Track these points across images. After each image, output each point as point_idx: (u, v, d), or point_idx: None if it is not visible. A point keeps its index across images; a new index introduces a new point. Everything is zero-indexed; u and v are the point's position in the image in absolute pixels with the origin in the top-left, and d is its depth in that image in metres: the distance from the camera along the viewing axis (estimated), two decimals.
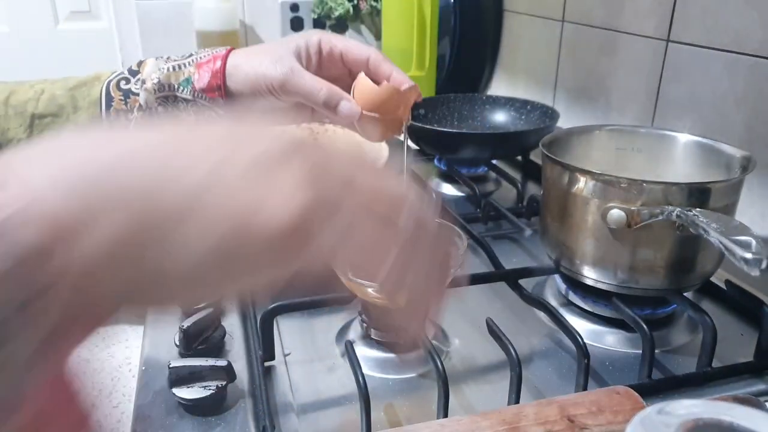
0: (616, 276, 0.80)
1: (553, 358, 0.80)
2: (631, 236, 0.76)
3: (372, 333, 0.79)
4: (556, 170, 0.83)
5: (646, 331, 0.73)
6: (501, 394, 0.71)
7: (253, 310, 0.84)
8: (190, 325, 0.75)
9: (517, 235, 1.12)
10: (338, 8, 1.97)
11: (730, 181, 0.76)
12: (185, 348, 0.75)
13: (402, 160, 0.86)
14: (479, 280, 0.90)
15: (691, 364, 0.77)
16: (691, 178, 0.90)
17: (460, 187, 1.33)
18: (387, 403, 0.71)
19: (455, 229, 0.80)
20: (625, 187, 0.75)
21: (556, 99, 1.53)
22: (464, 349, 0.81)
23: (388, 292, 0.40)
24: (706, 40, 1.04)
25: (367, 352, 0.78)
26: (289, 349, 0.80)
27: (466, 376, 0.76)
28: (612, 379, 0.76)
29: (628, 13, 1.23)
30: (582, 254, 0.82)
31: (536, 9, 1.59)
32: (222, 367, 0.69)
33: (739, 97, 0.99)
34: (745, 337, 0.84)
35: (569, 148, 0.94)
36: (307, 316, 0.87)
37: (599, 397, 0.60)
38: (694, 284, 0.82)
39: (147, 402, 0.70)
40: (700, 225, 0.66)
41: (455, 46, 1.79)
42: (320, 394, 0.73)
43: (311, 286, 0.72)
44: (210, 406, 0.69)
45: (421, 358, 0.77)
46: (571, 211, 0.81)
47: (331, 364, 0.78)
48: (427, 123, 1.42)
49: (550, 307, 0.81)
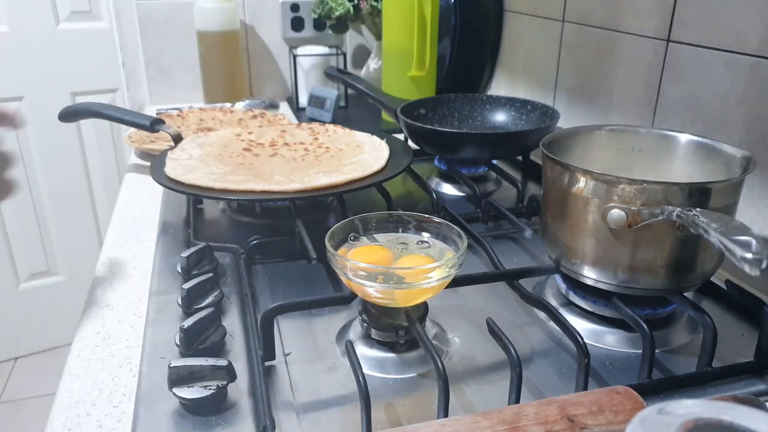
0: (617, 276, 0.80)
1: (553, 357, 0.80)
2: (631, 236, 0.76)
3: (372, 333, 0.79)
4: (557, 170, 0.83)
5: (647, 330, 0.73)
6: (501, 393, 0.71)
7: (254, 309, 0.84)
8: (191, 324, 0.75)
9: (517, 235, 1.12)
10: (338, 8, 1.97)
11: (731, 181, 0.76)
12: (186, 348, 0.75)
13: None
14: (480, 280, 0.90)
15: (692, 364, 0.77)
16: (692, 178, 0.90)
17: (460, 187, 1.33)
18: (387, 403, 0.71)
19: (455, 228, 0.80)
20: (626, 187, 0.75)
21: (556, 99, 1.53)
22: (464, 348, 0.81)
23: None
24: (706, 39, 1.04)
25: (367, 351, 0.78)
26: (290, 349, 0.80)
27: (467, 376, 0.76)
28: (612, 379, 0.76)
29: (628, 13, 1.23)
30: (582, 254, 0.82)
31: (536, 9, 1.59)
32: (222, 366, 0.69)
33: (739, 97, 0.99)
34: (745, 337, 0.84)
35: (569, 148, 0.94)
36: (308, 316, 0.87)
37: (599, 396, 0.60)
38: (694, 284, 0.82)
39: (147, 402, 0.71)
40: (700, 225, 0.66)
41: (455, 46, 1.79)
42: (320, 394, 0.73)
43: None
44: (210, 406, 0.69)
45: (421, 357, 0.77)
46: (571, 211, 0.81)
47: (332, 363, 0.78)
48: (428, 123, 1.42)
49: (551, 307, 0.81)
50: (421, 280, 0.72)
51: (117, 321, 0.88)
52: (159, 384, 0.72)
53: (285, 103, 2.14)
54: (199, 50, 2.00)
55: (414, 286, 0.72)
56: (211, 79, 2.03)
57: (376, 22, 2.00)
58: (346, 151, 1.22)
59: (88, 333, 0.85)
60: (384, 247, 0.81)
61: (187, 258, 0.91)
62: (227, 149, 1.22)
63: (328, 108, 1.81)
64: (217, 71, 2.02)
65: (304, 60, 1.98)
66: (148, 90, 2.08)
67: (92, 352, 0.81)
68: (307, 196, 1.03)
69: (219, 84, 2.03)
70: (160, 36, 2.03)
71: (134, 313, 0.90)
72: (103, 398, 0.73)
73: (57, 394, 0.74)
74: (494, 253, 0.97)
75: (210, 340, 0.77)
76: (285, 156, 1.19)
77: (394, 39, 1.67)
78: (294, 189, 1.00)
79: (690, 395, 0.72)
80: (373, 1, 1.94)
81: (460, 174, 1.31)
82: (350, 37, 2.28)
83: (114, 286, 0.97)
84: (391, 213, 0.85)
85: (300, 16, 2.12)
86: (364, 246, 0.81)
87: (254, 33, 2.11)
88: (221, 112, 1.75)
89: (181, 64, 2.08)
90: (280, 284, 0.96)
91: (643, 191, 0.74)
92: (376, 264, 0.76)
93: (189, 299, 0.84)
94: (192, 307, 0.83)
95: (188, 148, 1.20)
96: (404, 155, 1.18)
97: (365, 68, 2.09)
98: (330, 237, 0.77)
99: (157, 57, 2.05)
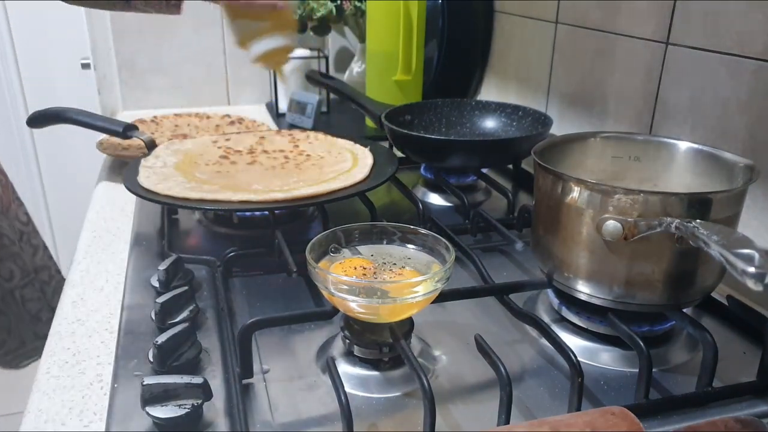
0: (612, 291, 0.80)
1: (545, 376, 0.80)
2: (627, 249, 0.77)
3: (355, 350, 0.79)
4: (549, 179, 0.83)
5: (643, 348, 0.73)
6: (490, 414, 0.71)
7: (231, 325, 0.84)
8: (165, 340, 0.75)
9: (507, 247, 1.12)
10: (320, 9, 1.97)
11: (733, 191, 0.77)
12: (159, 364, 0.75)
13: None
14: (468, 294, 0.90)
15: (691, 383, 0.77)
16: (691, 188, 0.90)
17: (447, 197, 1.33)
18: (370, 423, 0.71)
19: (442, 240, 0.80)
20: (622, 197, 0.75)
21: (549, 104, 1.53)
22: (452, 366, 0.81)
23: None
24: (707, 42, 1.05)
25: (349, 369, 0.78)
26: (268, 366, 0.80)
27: (454, 396, 0.76)
28: (607, 399, 0.76)
29: (625, 15, 1.24)
30: (576, 268, 0.82)
31: (528, 10, 1.60)
32: (198, 384, 0.69)
33: (742, 102, 1.00)
34: (747, 355, 0.85)
35: (563, 157, 0.94)
36: (287, 332, 0.87)
37: (593, 418, 0.60)
38: (693, 300, 0.82)
39: (119, 421, 0.70)
40: (700, 237, 0.66)
41: (443, 48, 1.80)
42: (301, 414, 0.72)
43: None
44: (185, 426, 0.68)
45: (406, 375, 0.77)
46: (564, 222, 0.82)
47: (312, 381, 0.78)
48: (414, 129, 1.42)
49: (542, 324, 0.81)
50: (407, 295, 0.72)
51: (88, 336, 0.88)
52: (131, 402, 0.72)
53: (264, 109, 2.14)
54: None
55: (399, 300, 0.72)
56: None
57: (360, 24, 2.00)
58: (328, 159, 1.22)
59: (58, 349, 0.85)
60: (367, 259, 0.81)
61: (166, 271, 0.91)
62: (203, 157, 1.21)
63: (310, 114, 1.82)
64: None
65: None
66: (120, 95, 2.08)
67: (62, 369, 0.81)
68: (287, 206, 1.03)
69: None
70: (134, 38, 2.03)
71: (106, 328, 0.90)
72: (73, 417, 0.73)
73: (25, 413, 0.74)
74: (483, 266, 0.97)
75: (185, 357, 0.77)
76: (264, 164, 1.19)
77: (378, 41, 1.67)
78: (273, 199, 1.00)
79: (689, 417, 0.72)
80: (357, 1, 1.94)
81: (447, 183, 1.31)
82: (333, 40, 2.28)
83: (85, 299, 0.96)
84: (375, 224, 0.85)
85: None
86: (347, 259, 0.81)
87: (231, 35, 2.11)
88: (197, 117, 1.75)
89: (156, 68, 2.07)
90: (258, 298, 0.95)
91: (640, 202, 0.74)
92: (359, 278, 0.76)
93: (163, 314, 0.83)
94: (166, 322, 0.83)
95: (162, 155, 1.20)
96: (389, 163, 1.18)
97: (348, 72, 2.10)
98: (311, 249, 0.77)
99: (130, 60, 2.05)
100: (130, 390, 0.74)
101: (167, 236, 1.09)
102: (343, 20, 2.03)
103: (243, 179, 1.10)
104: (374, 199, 1.15)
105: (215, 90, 2.15)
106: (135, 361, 0.80)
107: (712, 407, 0.74)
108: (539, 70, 1.56)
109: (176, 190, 1.02)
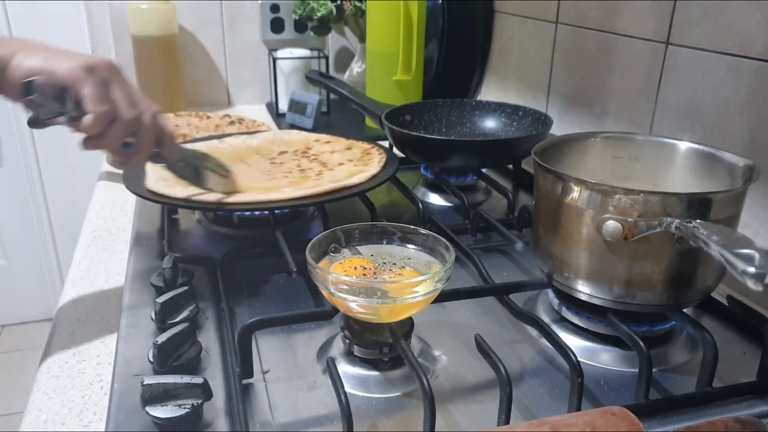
0: (612, 291, 0.80)
1: (545, 376, 0.80)
2: (627, 249, 0.77)
3: (355, 350, 0.79)
4: (549, 179, 0.84)
5: (643, 348, 0.73)
6: (490, 414, 0.71)
7: (231, 325, 0.84)
8: (165, 340, 0.75)
9: (507, 247, 1.12)
10: (320, 9, 1.97)
11: (733, 191, 0.77)
12: (159, 364, 0.75)
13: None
14: (468, 294, 0.90)
15: (691, 383, 0.77)
16: (691, 188, 0.90)
17: (447, 197, 1.33)
18: (370, 423, 0.71)
19: (442, 240, 0.80)
20: (622, 197, 0.75)
21: (549, 104, 1.53)
22: (452, 367, 0.81)
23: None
24: (707, 42, 1.05)
25: (349, 369, 0.78)
26: (268, 366, 0.80)
27: (454, 396, 0.76)
28: (607, 399, 0.76)
29: (625, 15, 1.24)
30: (576, 268, 0.82)
31: (528, 10, 1.60)
32: (198, 384, 0.69)
33: (742, 102, 1.00)
34: (747, 355, 0.85)
35: (563, 157, 0.94)
36: (287, 332, 0.87)
37: (593, 418, 0.60)
38: (694, 300, 0.82)
39: (119, 421, 0.70)
40: (700, 237, 0.66)
41: (443, 48, 1.80)
42: (300, 414, 0.73)
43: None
44: (185, 426, 0.68)
45: (406, 376, 0.77)
46: (564, 222, 0.82)
47: (312, 382, 0.78)
48: (414, 129, 1.42)
49: (542, 324, 0.81)
50: (407, 295, 0.72)
51: (88, 336, 0.88)
52: (131, 402, 0.72)
53: (264, 109, 2.14)
54: (135, 56, 1.95)
55: (399, 300, 0.72)
56: (146, 89, 1.93)
57: (360, 24, 2.00)
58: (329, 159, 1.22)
59: (58, 349, 0.85)
60: (367, 259, 0.81)
61: (166, 271, 0.91)
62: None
63: (310, 114, 1.81)
64: (152, 80, 1.96)
65: (284, 63, 1.98)
66: None
67: (62, 369, 0.81)
68: (287, 206, 1.03)
69: (154, 94, 1.93)
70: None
71: (106, 328, 0.90)
72: (73, 417, 0.73)
73: (25, 413, 0.74)
74: (483, 266, 0.97)
75: (185, 357, 0.77)
76: (264, 164, 1.19)
77: (378, 41, 1.67)
78: (273, 199, 1.00)
79: (689, 417, 0.72)
80: (357, 1, 1.94)
81: (447, 183, 1.31)
82: (333, 40, 2.28)
83: (84, 299, 0.96)
84: (375, 224, 0.85)
85: (280, 17, 2.12)
86: (347, 259, 0.81)
87: (232, 34, 2.11)
88: (197, 117, 1.75)
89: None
90: (258, 298, 0.95)
91: (640, 202, 0.74)
92: (359, 278, 0.76)
93: (163, 314, 0.83)
94: (166, 322, 0.83)
95: None
96: (389, 163, 1.18)
97: (348, 72, 2.10)
98: (311, 249, 0.77)
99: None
100: (130, 390, 0.74)
101: (167, 236, 1.09)
102: (343, 20, 2.03)
103: (243, 180, 1.10)
104: (374, 199, 1.15)
105: (215, 90, 2.15)
106: (135, 360, 0.80)
107: (712, 407, 0.74)
108: (539, 70, 1.56)
109: (176, 190, 1.02)
